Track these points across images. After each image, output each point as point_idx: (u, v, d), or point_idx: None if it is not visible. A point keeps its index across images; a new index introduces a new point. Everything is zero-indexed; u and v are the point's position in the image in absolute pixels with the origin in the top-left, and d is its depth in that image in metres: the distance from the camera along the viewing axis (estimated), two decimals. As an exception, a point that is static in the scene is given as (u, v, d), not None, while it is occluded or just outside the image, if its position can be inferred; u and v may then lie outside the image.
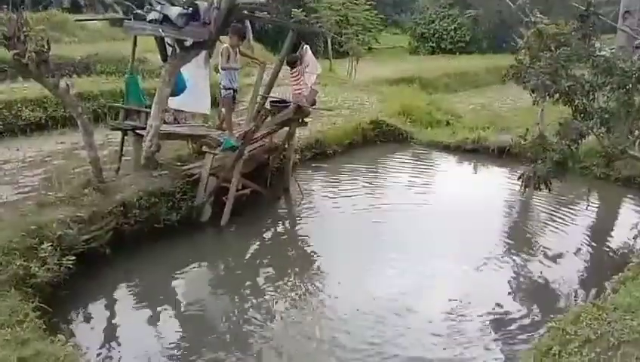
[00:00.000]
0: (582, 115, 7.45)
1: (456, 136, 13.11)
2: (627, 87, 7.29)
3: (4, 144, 10.87)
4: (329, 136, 12.29)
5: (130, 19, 8.04)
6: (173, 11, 7.67)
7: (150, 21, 7.70)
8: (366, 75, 23.04)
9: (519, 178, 7.46)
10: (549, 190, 7.40)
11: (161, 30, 7.60)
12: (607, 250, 8.08)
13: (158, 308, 6.25)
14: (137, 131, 8.39)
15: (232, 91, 8.76)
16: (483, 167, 12.18)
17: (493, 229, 8.66)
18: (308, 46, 9.57)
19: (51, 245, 5.90)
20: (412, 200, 9.89)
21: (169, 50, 8.16)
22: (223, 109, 9.17)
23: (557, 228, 8.76)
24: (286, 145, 9.69)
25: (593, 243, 8.20)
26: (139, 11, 8.06)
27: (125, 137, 8.68)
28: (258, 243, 8.15)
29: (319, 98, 11.81)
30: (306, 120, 9.83)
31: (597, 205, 9.91)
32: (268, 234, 8.47)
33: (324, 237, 8.30)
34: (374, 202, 9.82)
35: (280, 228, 8.88)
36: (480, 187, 11.16)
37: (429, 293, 6.64)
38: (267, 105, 9.00)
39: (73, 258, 5.94)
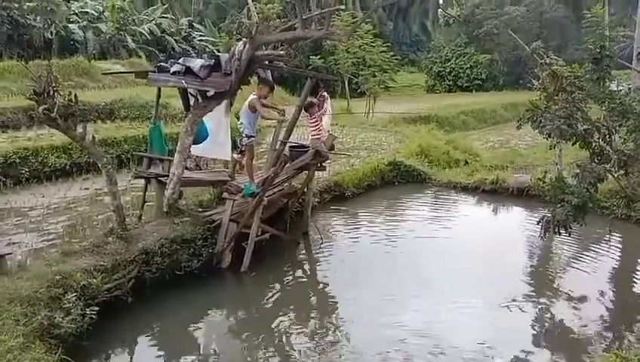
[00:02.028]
0: (599, 158, 7.44)
1: (475, 177, 13.10)
2: (644, 130, 7.29)
3: (30, 190, 11.20)
4: (347, 178, 12.39)
5: (155, 72, 8.34)
6: (196, 63, 7.97)
7: (173, 73, 7.99)
8: (383, 114, 23.31)
9: (538, 222, 7.41)
10: (569, 234, 7.34)
11: (184, 82, 7.87)
12: (631, 293, 7.93)
13: (179, 358, 6.27)
14: (160, 179, 8.59)
15: (253, 139, 8.97)
16: (503, 208, 12.13)
17: (514, 270, 8.56)
18: (327, 94, 9.78)
19: (75, 295, 6.01)
20: (431, 242, 9.87)
21: (191, 100, 8.43)
22: (236, 155, 9.36)
23: (579, 269, 8.63)
24: (305, 189, 9.81)
25: (616, 286, 8.07)
26: (163, 64, 8.37)
27: (148, 184, 8.88)
28: (278, 288, 8.16)
29: (337, 139, 11.98)
30: (325, 164, 9.98)
31: (619, 246, 9.75)
32: (288, 279, 8.49)
33: (344, 281, 8.28)
34: (393, 244, 9.81)
35: (300, 273, 8.90)
36: (500, 228, 11.10)
37: (452, 337, 6.52)
38: (286, 151, 9.17)
39: (96, 308, 6.03)
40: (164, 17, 35.50)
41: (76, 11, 30.72)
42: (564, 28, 38.73)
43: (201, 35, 38.16)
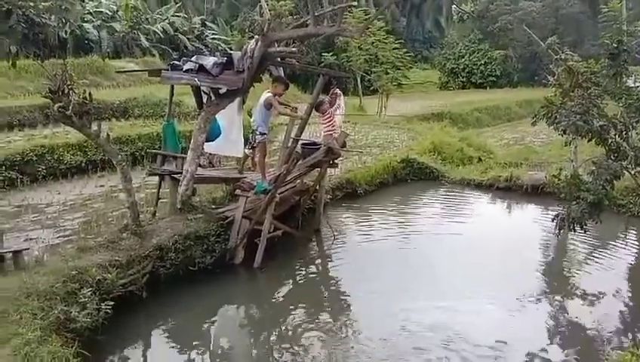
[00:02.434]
0: (615, 154, 7.36)
1: (489, 174, 13.00)
2: (661, 126, 7.20)
3: (47, 187, 11.33)
4: (359, 175, 12.35)
5: (168, 70, 8.39)
6: (209, 61, 8.00)
7: (186, 71, 8.03)
8: (396, 111, 23.24)
9: (553, 220, 7.36)
10: (585, 231, 7.27)
11: (196, 79, 7.91)
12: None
13: (193, 352, 6.34)
14: (173, 176, 8.65)
15: (266, 136, 9.00)
16: (517, 205, 12.04)
17: (528, 267, 8.49)
18: (339, 90, 9.75)
19: (91, 290, 6.09)
20: (444, 239, 9.84)
21: (204, 97, 8.47)
22: (247, 150, 9.38)
23: (594, 267, 8.55)
24: (317, 187, 9.81)
25: (632, 284, 7.96)
26: (176, 62, 8.42)
27: (162, 181, 8.95)
28: (290, 284, 8.20)
29: (349, 137, 11.96)
30: (337, 161, 9.97)
31: (635, 244, 9.63)
32: (300, 276, 8.52)
33: (356, 277, 8.27)
34: (406, 240, 9.81)
35: (312, 269, 8.92)
36: (514, 225, 11.03)
37: (465, 332, 6.49)
38: (298, 148, 9.18)
39: (111, 303, 6.11)
40: (177, 16, 35.63)
41: (91, 11, 30.92)
42: (581, 23, 38.20)
43: (213, 34, 38.26)
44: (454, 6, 54.01)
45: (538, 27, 34.54)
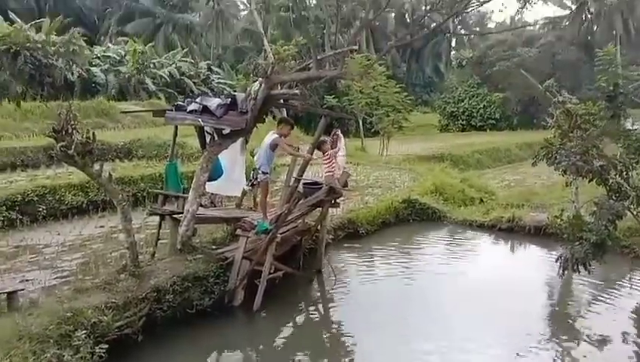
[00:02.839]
0: (617, 194, 7.35)
1: (491, 215, 12.95)
2: (662, 166, 7.22)
3: (47, 228, 11.26)
4: (361, 215, 12.31)
5: (172, 110, 8.49)
6: (213, 102, 8.11)
7: (190, 112, 8.13)
8: (397, 153, 23.37)
9: (557, 260, 7.27)
10: (589, 272, 7.17)
11: (200, 120, 7.99)
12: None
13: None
14: (174, 216, 8.62)
15: (268, 175, 9.03)
16: (520, 246, 11.94)
17: (532, 310, 8.32)
18: (340, 133, 9.81)
19: (85, 332, 5.95)
20: (447, 281, 9.70)
21: (208, 138, 8.53)
22: (246, 187, 9.36)
23: (600, 309, 8.37)
24: (318, 226, 9.76)
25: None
26: (180, 103, 8.53)
27: (163, 221, 8.91)
28: (291, 328, 8.03)
29: (351, 177, 11.98)
30: (338, 201, 9.95)
31: (642, 286, 9.47)
32: (300, 319, 8.35)
33: (358, 320, 8.10)
34: (408, 282, 9.66)
35: (312, 312, 8.76)
36: (517, 267, 10.90)
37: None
38: (300, 188, 9.18)
39: (106, 346, 5.96)
40: (183, 61, 36.43)
41: (99, 55, 31.67)
42: (577, 69, 38.84)
43: (219, 78, 39.00)
44: (453, 52, 55.25)
45: (536, 73, 35.12)
